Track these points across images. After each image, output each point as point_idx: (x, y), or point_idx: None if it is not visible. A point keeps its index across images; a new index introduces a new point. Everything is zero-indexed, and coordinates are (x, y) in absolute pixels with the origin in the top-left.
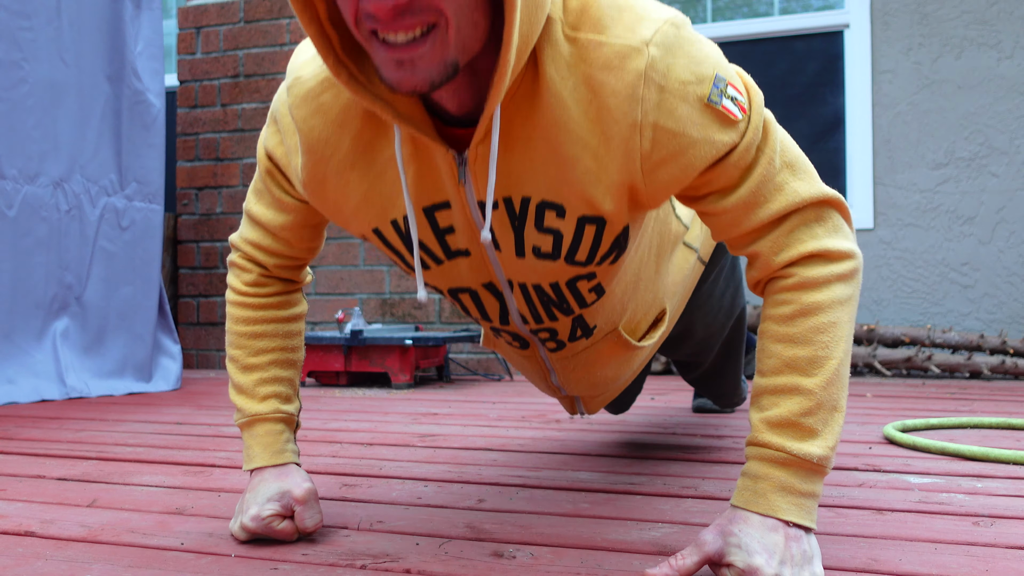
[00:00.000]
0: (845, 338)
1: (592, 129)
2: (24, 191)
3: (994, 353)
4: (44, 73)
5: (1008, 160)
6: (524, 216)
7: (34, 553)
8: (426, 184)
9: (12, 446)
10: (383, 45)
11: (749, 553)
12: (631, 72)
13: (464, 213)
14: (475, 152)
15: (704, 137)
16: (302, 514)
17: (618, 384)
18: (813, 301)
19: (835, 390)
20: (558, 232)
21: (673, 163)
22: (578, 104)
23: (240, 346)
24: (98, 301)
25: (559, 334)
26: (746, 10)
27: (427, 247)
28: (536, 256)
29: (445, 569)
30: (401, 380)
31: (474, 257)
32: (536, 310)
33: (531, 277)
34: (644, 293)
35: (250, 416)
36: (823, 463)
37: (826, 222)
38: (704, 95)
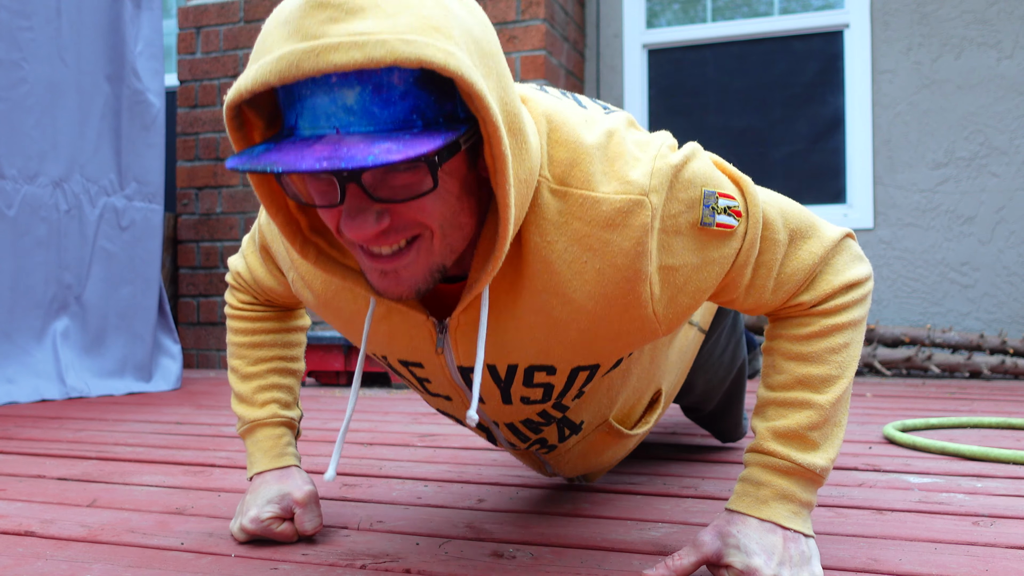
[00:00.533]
0: (856, 358)
1: (589, 292)
2: (24, 191)
3: (994, 353)
4: (44, 73)
5: (1008, 160)
6: (511, 379)
7: (34, 553)
8: (399, 343)
9: (12, 446)
10: (367, 254)
11: (748, 554)
12: (637, 228)
13: (444, 374)
14: (456, 321)
15: (705, 259)
16: (302, 517)
17: (615, 460)
18: (832, 323)
19: (841, 407)
20: (549, 385)
21: (683, 293)
22: (570, 266)
23: (240, 356)
24: (98, 301)
25: (548, 441)
26: (746, 10)
27: (408, 380)
28: (524, 404)
29: (445, 569)
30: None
31: (456, 402)
32: (523, 435)
33: (517, 416)
34: (636, 382)
35: (250, 422)
36: (824, 474)
37: (844, 254)
38: (696, 220)
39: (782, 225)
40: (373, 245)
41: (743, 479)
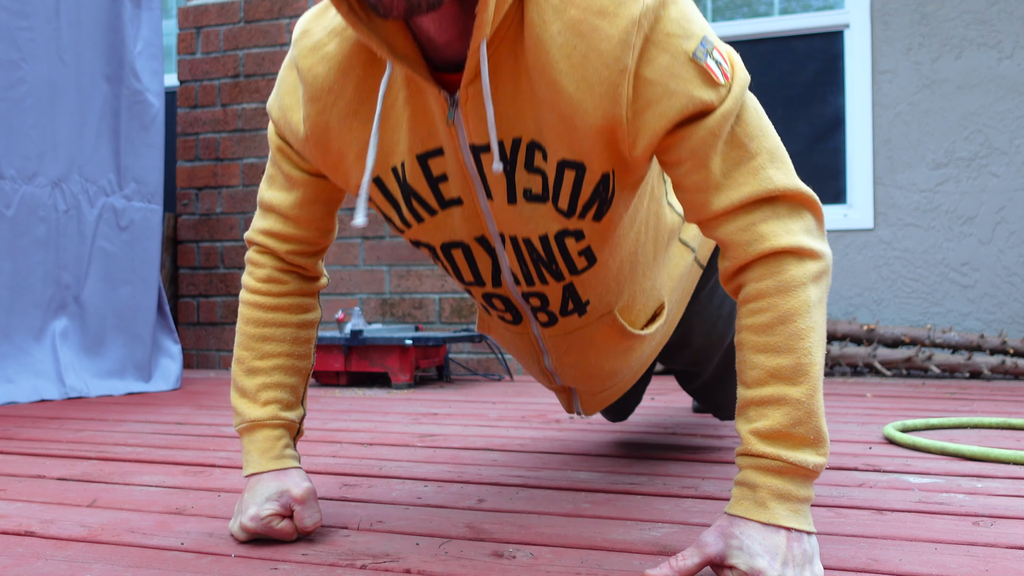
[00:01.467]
0: (822, 342)
1: (571, 73)
2: (22, 191)
3: (994, 353)
4: (42, 73)
5: (1008, 160)
6: (515, 158)
7: (34, 553)
8: (420, 129)
9: (12, 446)
10: None
11: (751, 555)
12: (625, 18)
13: (457, 158)
14: (465, 93)
15: (682, 90)
16: (301, 513)
17: (616, 382)
18: (789, 307)
19: (818, 396)
20: (544, 173)
21: (649, 111)
22: (560, 49)
23: (247, 347)
24: (97, 301)
25: (550, 303)
26: (746, 10)
27: (421, 197)
28: (527, 199)
29: (445, 569)
30: (401, 380)
31: (467, 206)
32: (527, 268)
33: (521, 229)
34: (642, 279)
35: (249, 421)
36: (818, 470)
37: (800, 218)
38: (689, 50)
39: (758, 133)
40: None
41: (739, 483)
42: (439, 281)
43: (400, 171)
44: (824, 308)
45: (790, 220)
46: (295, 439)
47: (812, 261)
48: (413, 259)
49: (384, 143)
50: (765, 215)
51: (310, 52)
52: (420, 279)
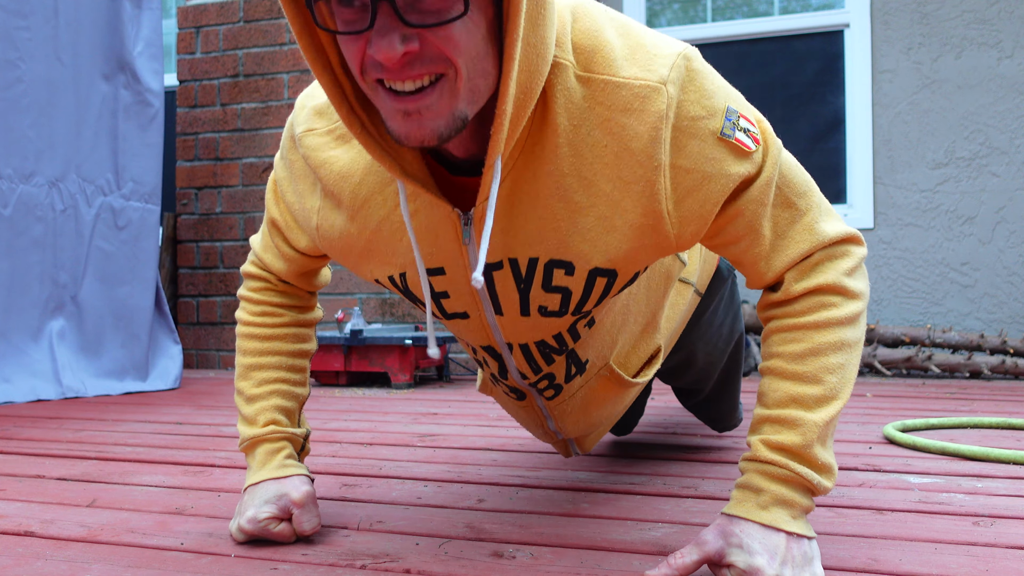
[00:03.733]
0: (851, 381)
1: (607, 174)
2: (19, 190)
3: (994, 353)
4: (40, 72)
5: (1008, 160)
6: (531, 278)
7: (34, 553)
8: (423, 246)
9: (12, 446)
10: (390, 94)
11: (750, 554)
12: (652, 114)
13: (465, 276)
14: (481, 210)
15: (718, 171)
16: (299, 517)
17: (611, 419)
18: (825, 342)
19: (833, 425)
20: (567, 290)
21: (691, 199)
22: (592, 150)
23: (245, 377)
24: (94, 301)
25: (556, 379)
26: (746, 10)
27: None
28: (542, 315)
29: (445, 569)
30: (401, 380)
31: (472, 320)
32: (535, 363)
33: (532, 336)
34: (634, 325)
35: (250, 439)
36: (821, 488)
37: (850, 259)
38: (716, 129)
39: (800, 182)
40: (397, 78)
41: (741, 485)
42: None
43: (398, 280)
44: (859, 351)
45: (841, 262)
46: (300, 453)
47: (853, 302)
48: None
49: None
50: (818, 260)
51: (314, 152)
52: None
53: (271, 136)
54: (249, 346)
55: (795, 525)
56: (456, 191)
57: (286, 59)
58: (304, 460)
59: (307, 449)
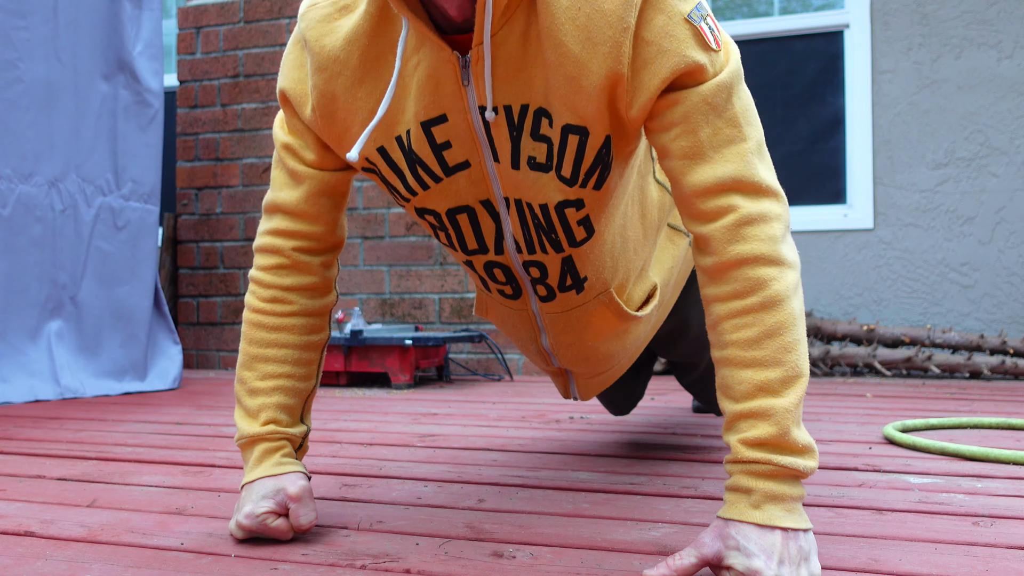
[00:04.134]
0: (806, 353)
1: (576, 35)
2: (19, 190)
3: (994, 353)
4: (40, 72)
5: (1008, 160)
6: (522, 124)
7: (34, 553)
8: (425, 97)
9: (12, 446)
10: None
11: (748, 555)
12: None
13: (465, 120)
14: (476, 53)
15: (675, 48)
16: (296, 511)
17: (612, 366)
18: (776, 321)
19: (802, 402)
20: (549, 140)
21: (645, 70)
22: (565, 11)
23: (248, 367)
24: (93, 301)
25: (549, 275)
26: (746, 10)
27: (426, 164)
28: (530, 167)
29: (445, 569)
30: (401, 380)
31: (473, 170)
32: (529, 234)
33: (525, 194)
34: (633, 257)
35: (248, 436)
36: (807, 471)
37: (777, 222)
38: (684, 11)
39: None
40: None
41: (731, 488)
42: (439, 281)
43: (405, 139)
44: (803, 320)
45: (767, 225)
46: (298, 452)
47: (791, 271)
48: (413, 259)
49: (390, 111)
50: (747, 213)
51: (317, 24)
52: (420, 279)
53: (271, 136)
54: (256, 335)
55: (790, 519)
56: (452, 45)
57: None
58: (303, 458)
59: (305, 447)
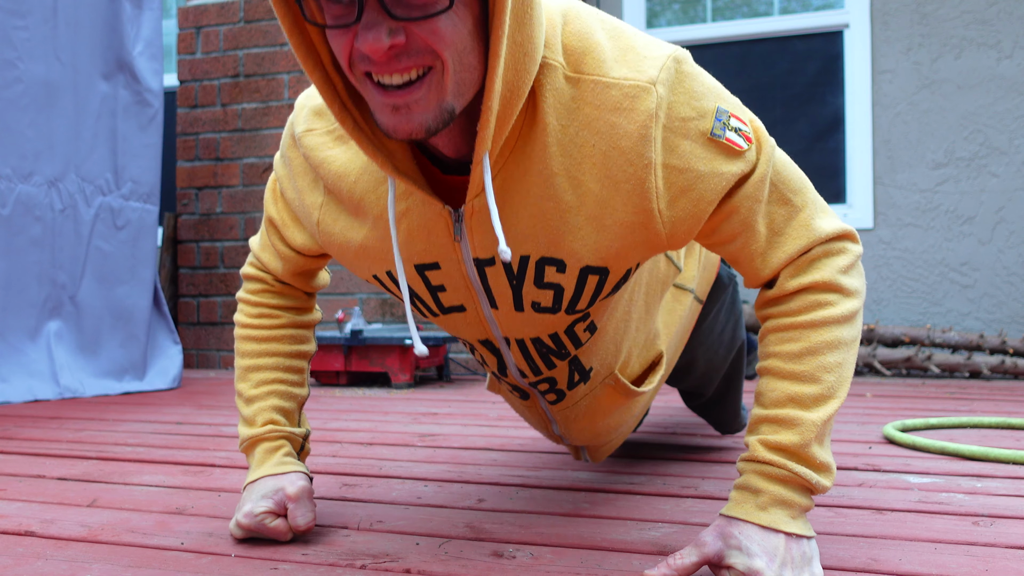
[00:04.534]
0: (848, 380)
1: (595, 173)
2: (18, 190)
3: (994, 353)
4: (39, 72)
5: (1008, 160)
6: (523, 274)
7: (34, 553)
8: (416, 243)
9: (12, 446)
10: (378, 88)
11: (750, 555)
12: (642, 113)
13: (459, 271)
14: (471, 207)
15: (711, 170)
16: (294, 511)
17: (621, 431)
18: (821, 341)
19: (831, 427)
20: (559, 287)
21: (685, 198)
22: (581, 149)
23: (243, 379)
24: (92, 300)
25: (558, 383)
26: (746, 10)
27: (423, 301)
28: (535, 311)
29: (445, 569)
30: (401, 380)
31: (469, 313)
32: (534, 363)
33: (529, 332)
34: (636, 333)
35: (249, 438)
36: (820, 487)
37: (845, 256)
38: (707, 130)
39: (794, 179)
40: (385, 71)
41: (739, 486)
42: None
43: (395, 274)
44: (855, 349)
45: (837, 259)
46: (300, 453)
47: (849, 300)
48: None
49: (377, 248)
50: (814, 256)
51: (314, 151)
52: None
53: (271, 136)
54: (247, 348)
55: (794, 525)
56: (447, 190)
57: (286, 59)
58: (304, 460)
59: (307, 449)
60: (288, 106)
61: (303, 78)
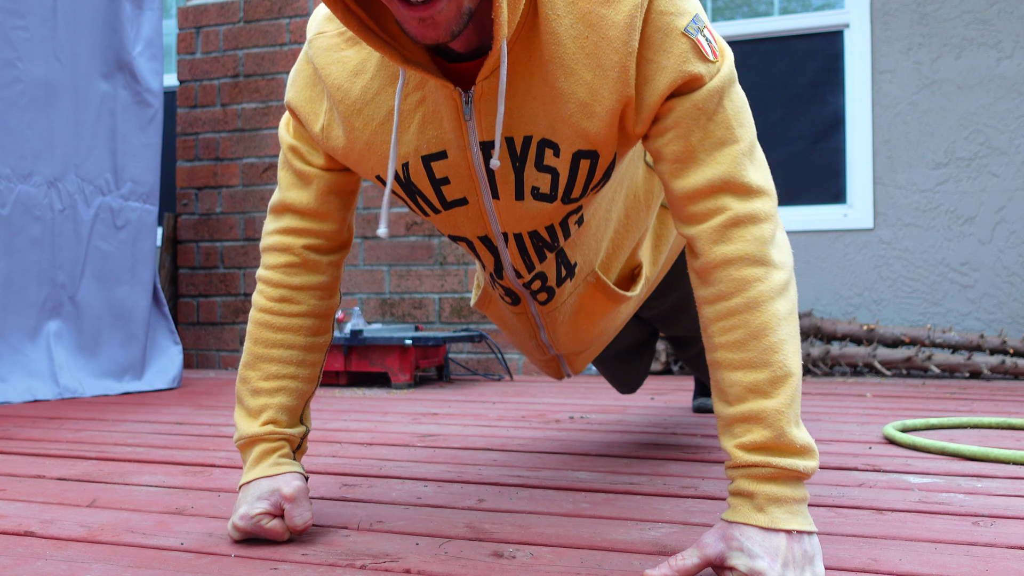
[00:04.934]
0: (797, 351)
1: (587, 62)
2: (17, 190)
3: (994, 353)
4: (38, 72)
5: (1008, 160)
6: (525, 156)
7: (34, 553)
8: (428, 131)
9: (12, 446)
10: (404, 4)
11: (751, 557)
12: (629, 4)
13: (465, 156)
14: (480, 88)
15: (672, 64)
16: (291, 512)
17: (602, 340)
18: (760, 323)
19: (798, 404)
20: (555, 171)
21: (647, 87)
22: (574, 40)
23: (253, 367)
24: (92, 301)
25: (548, 279)
26: (746, 10)
27: (424, 196)
28: (534, 197)
29: (445, 569)
30: (401, 380)
31: (471, 207)
32: (529, 258)
33: (527, 225)
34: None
35: (247, 437)
36: (808, 472)
37: (766, 223)
38: (681, 26)
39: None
40: None
41: (734, 492)
42: (439, 281)
43: (402, 172)
44: (795, 318)
45: (755, 226)
46: (296, 452)
47: (777, 271)
48: (413, 259)
49: (384, 145)
50: (735, 214)
51: (324, 53)
52: (420, 279)
53: (271, 136)
54: (262, 335)
55: (795, 521)
56: (454, 77)
57: (286, 59)
58: (301, 458)
59: (304, 447)
60: None
61: None
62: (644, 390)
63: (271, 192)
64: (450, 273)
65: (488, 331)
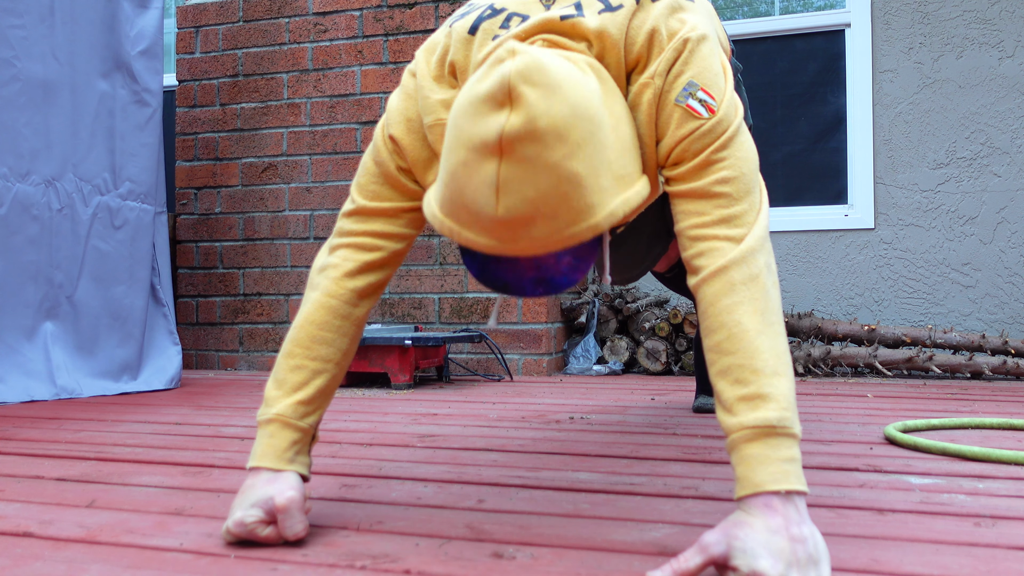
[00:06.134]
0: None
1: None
2: (15, 189)
3: (995, 353)
4: (36, 71)
5: (1009, 160)
6: None
7: (32, 554)
8: None
9: (10, 446)
10: None
11: (754, 557)
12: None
13: None
14: None
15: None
16: (283, 523)
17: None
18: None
19: (786, 359)
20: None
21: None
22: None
23: (303, 344)
24: (90, 300)
25: None
26: (746, 9)
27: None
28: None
29: (445, 569)
30: (401, 380)
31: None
32: None
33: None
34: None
35: (274, 415)
36: (784, 424)
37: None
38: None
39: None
40: None
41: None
42: (439, 281)
43: None
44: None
45: (734, 226)
46: (310, 444)
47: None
48: (412, 259)
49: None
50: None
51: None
52: (420, 279)
53: (271, 136)
54: (322, 317)
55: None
56: None
57: (285, 59)
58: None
59: (316, 436)
60: (288, 105)
61: (302, 77)
62: (644, 390)
63: (271, 192)
64: (450, 273)
65: (488, 331)
